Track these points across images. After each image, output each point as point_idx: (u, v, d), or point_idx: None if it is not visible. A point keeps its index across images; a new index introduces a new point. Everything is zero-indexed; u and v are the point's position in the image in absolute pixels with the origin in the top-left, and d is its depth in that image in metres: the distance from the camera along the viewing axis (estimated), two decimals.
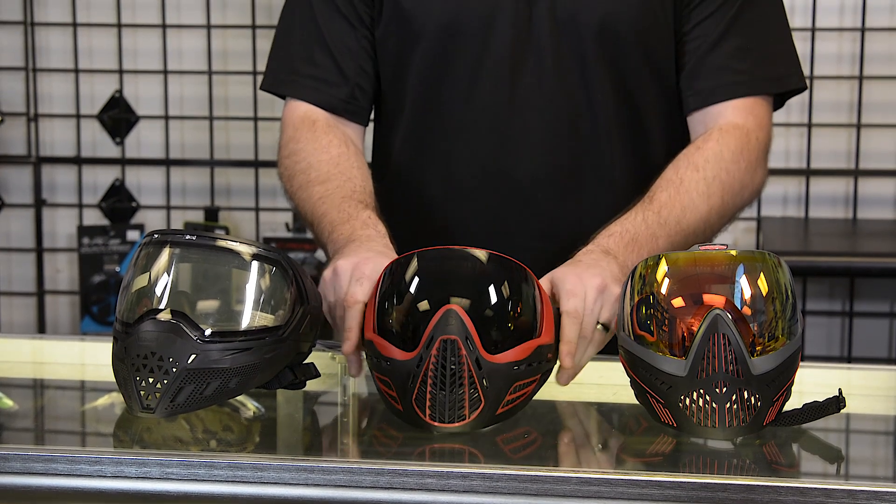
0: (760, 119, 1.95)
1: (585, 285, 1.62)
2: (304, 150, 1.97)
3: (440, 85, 1.96)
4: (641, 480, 1.33)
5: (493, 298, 1.50)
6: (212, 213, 3.69)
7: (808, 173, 3.53)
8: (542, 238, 1.94)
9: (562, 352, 1.57)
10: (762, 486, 1.32)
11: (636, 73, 1.94)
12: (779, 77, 1.97)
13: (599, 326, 1.62)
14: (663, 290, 1.50)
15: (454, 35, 1.93)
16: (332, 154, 1.95)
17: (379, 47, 2.00)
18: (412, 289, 1.51)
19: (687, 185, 1.86)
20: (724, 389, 1.44)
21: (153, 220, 3.74)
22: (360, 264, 1.64)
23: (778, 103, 2.00)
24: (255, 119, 3.64)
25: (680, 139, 2.03)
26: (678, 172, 1.87)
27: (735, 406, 1.45)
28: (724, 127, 1.92)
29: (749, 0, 1.94)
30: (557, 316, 1.57)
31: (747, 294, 1.48)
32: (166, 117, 3.69)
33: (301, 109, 2.00)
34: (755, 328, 1.47)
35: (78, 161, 3.72)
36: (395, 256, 1.62)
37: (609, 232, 1.77)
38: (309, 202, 1.91)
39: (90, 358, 1.88)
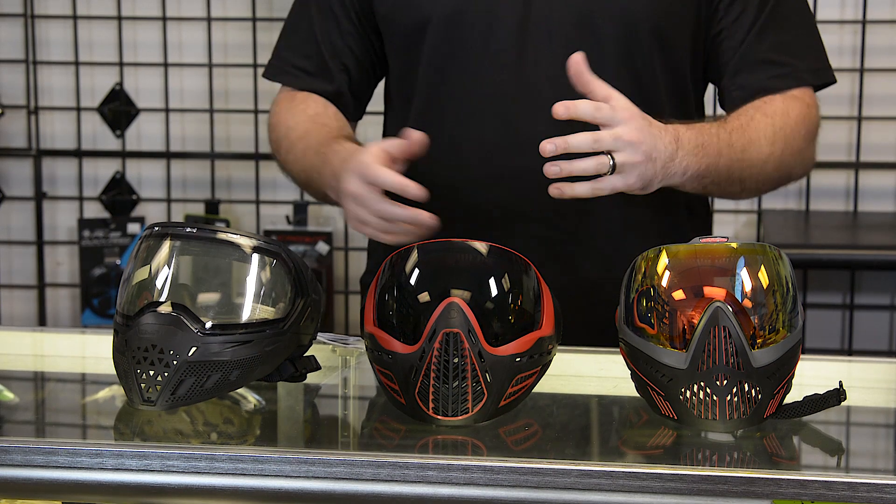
0: (813, 103, 1.98)
1: (636, 121, 1.72)
2: (282, 116, 2.04)
3: (448, 72, 1.96)
4: (642, 473, 1.33)
5: (495, 291, 1.50)
6: (212, 206, 3.68)
7: None
8: (548, 226, 1.94)
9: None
10: (763, 478, 1.32)
11: (648, 62, 1.94)
12: (818, 69, 1.99)
13: (607, 159, 1.72)
14: (664, 283, 1.50)
15: (460, 22, 1.94)
16: (308, 113, 2.01)
17: (386, 38, 2.01)
18: (413, 281, 1.51)
19: (756, 124, 1.90)
20: (725, 382, 1.44)
21: (154, 213, 3.74)
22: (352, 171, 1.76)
23: None
24: (256, 112, 3.64)
25: None
26: (749, 113, 1.92)
27: (735, 398, 1.45)
28: (787, 95, 1.95)
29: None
30: (558, 307, 1.57)
31: (748, 287, 1.48)
32: (167, 110, 3.68)
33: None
34: (756, 321, 1.47)
35: (78, 154, 3.71)
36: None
37: (687, 126, 1.82)
38: (298, 161, 1.98)
39: (91, 350, 1.88)
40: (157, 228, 1.56)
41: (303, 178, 1.99)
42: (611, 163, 1.73)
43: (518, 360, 1.49)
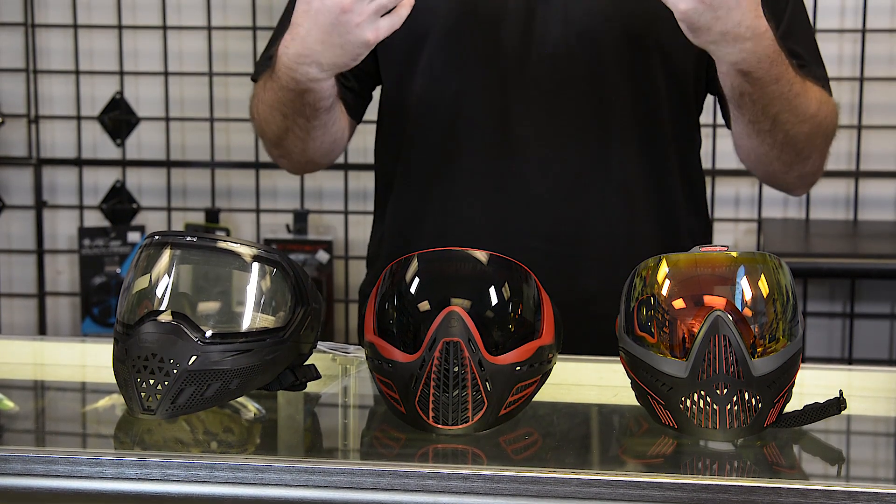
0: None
1: None
2: (258, 89, 2.02)
3: (446, 84, 1.95)
4: (642, 482, 1.33)
5: (495, 300, 1.50)
6: (212, 215, 3.69)
7: None
8: (547, 240, 1.94)
9: None
10: (763, 487, 1.32)
11: (650, 75, 1.94)
12: (828, 79, 1.99)
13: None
14: (664, 292, 1.50)
15: (460, 34, 1.93)
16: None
17: (382, 51, 1.99)
18: (413, 290, 1.51)
19: (812, 87, 1.89)
20: (725, 391, 1.44)
21: (154, 222, 3.74)
22: None
23: None
24: None
25: (692, 143, 2.03)
26: (802, 77, 1.88)
27: (736, 407, 1.45)
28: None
29: (794, 12, 1.95)
30: (558, 316, 1.57)
31: (748, 295, 1.48)
32: (167, 119, 3.69)
33: None
34: (756, 329, 1.47)
35: (78, 162, 3.71)
36: None
37: (774, 37, 1.77)
38: (269, 100, 1.95)
39: (91, 359, 1.88)
40: (157, 237, 1.56)
41: (280, 110, 1.94)
42: None
43: (518, 368, 1.49)
